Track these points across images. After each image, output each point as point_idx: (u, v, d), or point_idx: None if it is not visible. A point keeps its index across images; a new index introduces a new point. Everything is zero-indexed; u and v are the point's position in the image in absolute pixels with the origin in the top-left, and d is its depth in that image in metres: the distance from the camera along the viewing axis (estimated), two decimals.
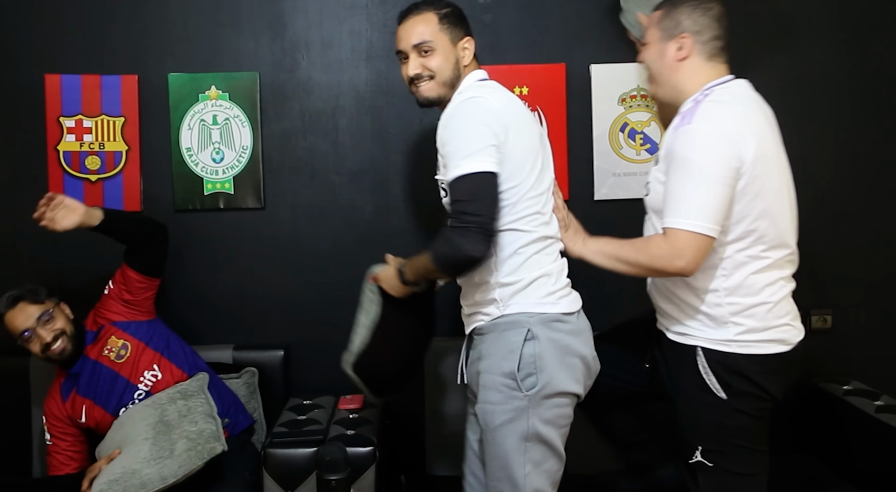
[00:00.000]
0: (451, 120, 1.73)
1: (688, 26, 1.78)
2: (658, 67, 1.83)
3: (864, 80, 2.66)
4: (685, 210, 1.65)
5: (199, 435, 2.11)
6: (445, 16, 1.85)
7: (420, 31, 1.83)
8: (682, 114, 1.74)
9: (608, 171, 2.63)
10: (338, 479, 1.73)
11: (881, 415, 2.22)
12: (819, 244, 2.68)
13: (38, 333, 2.19)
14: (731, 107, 1.72)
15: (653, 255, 1.70)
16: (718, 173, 1.65)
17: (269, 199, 2.63)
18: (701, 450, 1.75)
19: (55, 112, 2.57)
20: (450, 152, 1.69)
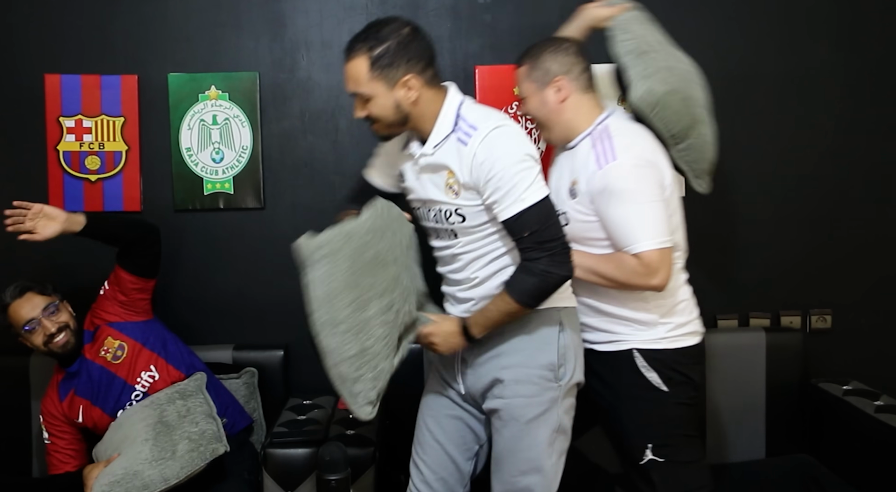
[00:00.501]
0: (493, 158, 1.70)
1: (557, 69, 1.93)
2: (544, 114, 1.96)
3: (865, 80, 2.66)
4: (644, 233, 1.80)
5: (201, 436, 2.11)
6: (378, 58, 1.71)
7: (352, 79, 1.75)
8: (595, 152, 1.86)
9: None
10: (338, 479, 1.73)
11: (881, 415, 2.22)
12: (819, 244, 2.69)
13: (44, 324, 2.19)
14: (639, 137, 1.92)
15: (629, 273, 1.82)
16: (655, 194, 1.83)
17: (269, 199, 2.63)
18: (651, 447, 1.88)
19: (55, 112, 2.57)
20: (507, 188, 1.69)
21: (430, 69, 1.77)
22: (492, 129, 1.72)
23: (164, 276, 2.59)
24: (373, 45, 1.71)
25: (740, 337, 2.55)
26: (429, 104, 1.77)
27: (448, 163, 1.76)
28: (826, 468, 2.35)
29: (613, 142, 1.85)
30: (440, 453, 1.95)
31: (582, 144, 1.92)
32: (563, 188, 1.94)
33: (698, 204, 2.65)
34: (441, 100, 1.79)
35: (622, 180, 1.81)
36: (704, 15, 2.63)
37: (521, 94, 1.99)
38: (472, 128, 1.74)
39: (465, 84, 2.60)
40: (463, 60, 2.62)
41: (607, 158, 1.83)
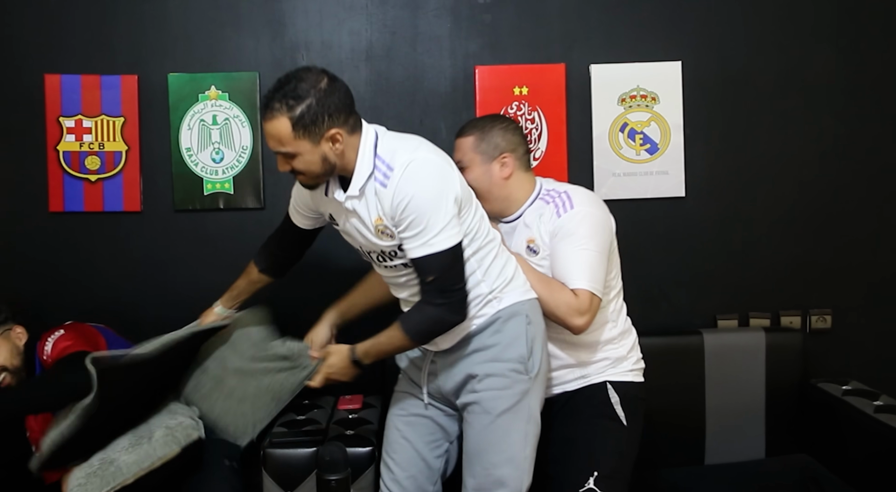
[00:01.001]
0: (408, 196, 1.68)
1: (504, 146, 2.00)
2: (487, 186, 1.99)
3: (864, 81, 2.66)
4: (585, 274, 1.89)
5: (178, 426, 2.08)
6: (301, 117, 1.66)
7: (274, 139, 1.70)
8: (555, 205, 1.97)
9: (608, 171, 2.63)
10: (338, 479, 1.73)
11: (880, 415, 2.22)
12: (819, 244, 2.68)
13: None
14: (590, 193, 2.07)
15: (560, 301, 1.89)
16: (604, 247, 1.94)
17: (269, 199, 2.63)
18: (595, 476, 1.88)
19: (55, 112, 2.57)
20: (418, 230, 1.70)
21: (352, 116, 1.74)
22: (405, 165, 1.70)
23: (163, 276, 2.60)
24: (292, 105, 1.66)
25: (740, 337, 2.55)
26: (351, 151, 1.75)
27: (372, 208, 1.75)
28: (826, 468, 2.35)
29: (569, 195, 1.98)
30: (409, 452, 1.97)
31: (529, 210, 2.01)
32: (518, 249, 2.00)
33: (698, 204, 2.66)
34: (354, 145, 1.75)
35: (577, 225, 1.92)
36: (704, 15, 2.62)
37: (462, 163, 1.99)
38: (389, 168, 1.72)
39: (464, 84, 2.62)
40: (463, 60, 2.61)
41: (566, 208, 1.95)
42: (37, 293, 2.60)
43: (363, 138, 1.76)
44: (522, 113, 2.60)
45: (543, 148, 2.61)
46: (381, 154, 1.74)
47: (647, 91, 2.61)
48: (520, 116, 2.60)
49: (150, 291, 2.60)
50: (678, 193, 2.64)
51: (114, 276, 2.61)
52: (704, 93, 2.63)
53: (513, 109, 2.59)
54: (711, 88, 2.62)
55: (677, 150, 2.62)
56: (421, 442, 1.97)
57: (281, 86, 1.69)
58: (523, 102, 2.60)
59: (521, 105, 2.60)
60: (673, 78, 2.60)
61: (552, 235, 1.95)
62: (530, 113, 2.60)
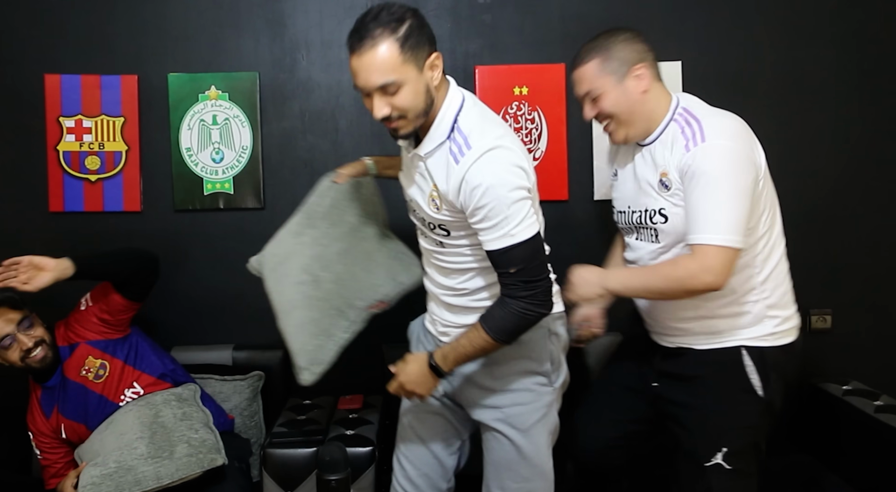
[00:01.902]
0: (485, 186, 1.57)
1: (635, 57, 1.79)
2: (628, 107, 1.80)
3: (864, 80, 2.66)
4: (714, 225, 1.66)
5: (202, 444, 2.10)
6: (407, 37, 1.54)
7: (382, 68, 1.55)
8: (684, 136, 1.74)
9: (608, 171, 2.62)
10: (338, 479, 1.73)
11: (880, 415, 2.22)
12: (819, 244, 2.68)
13: (20, 339, 2.16)
14: (730, 119, 1.77)
15: (681, 277, 1.69)
16: (745, 186, 1.69)
17: (269, 199, 2.63)
18: (724, 452, 1.77)
19: (55, 112, 2.57)
20: (497, 221, 1.59)
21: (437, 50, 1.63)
22: (486, 150, 1.58)
23: (164, 276, 2.58)
24: (395, 27, 1.53)
25: None
26: (440, 93, 1.64)
27: (435, 176, 1.66)
28: (826, 468, 2.35)
29: (701, 123, 1.73)
30: (423, 450, 1.95)
31: (666, 132, 1.79)
32: (650, 184, 1.81)
33: None
34: (443, 95, 1.66)
35: (708, 163, 1.67)
36: (704, 15, 2.62)
37: (592, 93, 1.82)
38: (467, 146, 1.60)
39: (464, 84, 2.60)
40: (463, 60, 2.62)
41: (696, 141, 1.70)
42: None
43: (449, 98, 1.65)
44: (522, 113, 2.60)
45: (543, 148, 2.61)
46: (461, 125, 1.63)
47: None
48: (520, 116, 2.60)
49: None
50: None
51: None
52: (704, 93, 2.61)
53: (513, 109, 2.60)
54: (711, 88, 2.62)
55: None
56: (434, 440, 1.95)
57: (374, 16, 1.55)
58: (523, 102, 2.60)
59: (521, 105, 2.60)
60: (673, 78, 2.59)
61: (682, 172, 1.72)
62: (530, 113, 2.60)
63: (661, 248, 1.84)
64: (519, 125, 2.60)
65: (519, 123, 2.60)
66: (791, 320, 1.84)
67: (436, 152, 1.66)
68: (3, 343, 2.15)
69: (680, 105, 1.81)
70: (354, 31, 1.57)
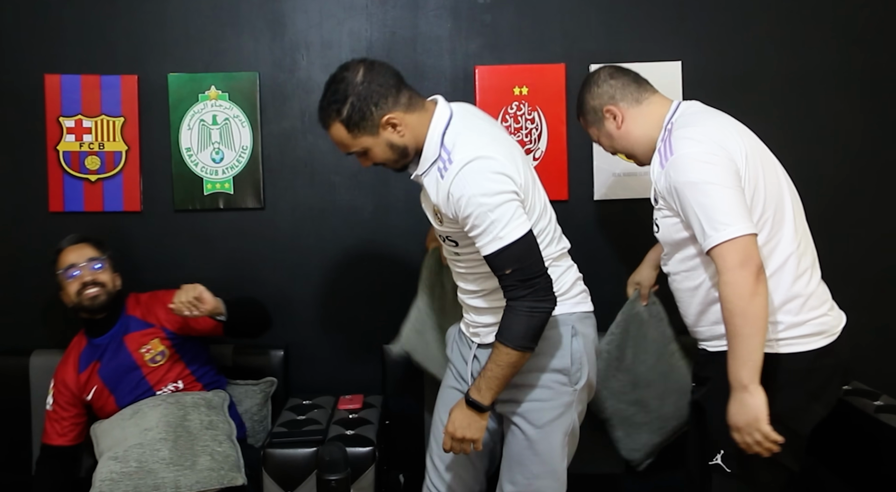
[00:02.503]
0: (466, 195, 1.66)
1: (599, 103, 1.90)
2: (622, 145, 1.92)
3: (864, 80, 2.65)
4: (715, 225, 1.65)
5: (225, 459, 2.10)
6: (350, 117, 1.70)
7: (342, 143, 1.75)
8: (659, 154, 1.81)
9: (608, 171, 2.63)
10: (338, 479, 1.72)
11: (881, 415, 2.22)
12: (819, 244, 2.67)
13: (83, 272, 2.22)
14: (698, 127, 1.78)
15: (733, 297, 1.63)
16: (723, 177, 1.68)
17: (269, 199, 2.63)
18: (722, 454, 1.77)
19: (55, 112, 2.57)
20: (484, 226, 1.66)
21: (402, 95, 1.73)
22: (465, 163, 1.67)
23: (164, 276, 2.59)
24: (338, 109, 1.70)
25: None
26: (418, 128, 1.75)
27: (430, 193, 1.77)
28: (826, 468, 2.35)
29: (671, 137, 1.77)
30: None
31: (657, 149, 1.85)
32: (652, 196, 1.88)
33: None
34: (427, 120, 1.76)
35: (681, 175, 1.71)
36: (704, 15, 2.62)
37: (595, 140, 1.99)
38: (450, 160, 1.70)
39: (464, 84, 2.62)
40: (463, 60, 2.61)
41: (666, 156, 1.75)
42: (37, 293, 2.60)
43: (435, 120, 1.75)
44: (522, 113, 2.60)
45: (543, 148, 2.61)
46: (446, 142, 1.74)
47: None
48: (520, 116, 2.60)
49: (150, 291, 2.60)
50: None
51: None
52: (704, 93, 2.62)
53: (513, 109, 2.60)
54: (711, 88, 2.62)
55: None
56: None
57: (324, 95, 1.74)
58: (523, 102, 2.60)
59: (521, 105, 2.60)
60: (673, 78, 2.59)
61: (667, 190, 1.75)
62: (530, 113, 2.60)
63: (665, 255, 1.91)
64: (519, 125, 2.60)
65: (519, 123, 2.60)
66: (805, 327, 1.75)
67: (429, 171, 1.77)
68: (69, 273, 2.22)
69: (672, 118, 1.84)
70: (318, 107, 1.77)
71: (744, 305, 1.62)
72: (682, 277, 1.85)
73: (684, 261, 1.82)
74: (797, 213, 1.83)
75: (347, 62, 1.76)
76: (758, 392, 1.64)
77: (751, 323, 1.63)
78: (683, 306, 1.88)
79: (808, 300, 1.77)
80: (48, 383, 2.31)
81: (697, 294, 1.82)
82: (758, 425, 1.64)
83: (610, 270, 2.65)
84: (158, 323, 2.28)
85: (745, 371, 1.64)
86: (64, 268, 2.23)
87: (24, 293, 2.60)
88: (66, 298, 2.26)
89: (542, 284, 1.68)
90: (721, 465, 1.77)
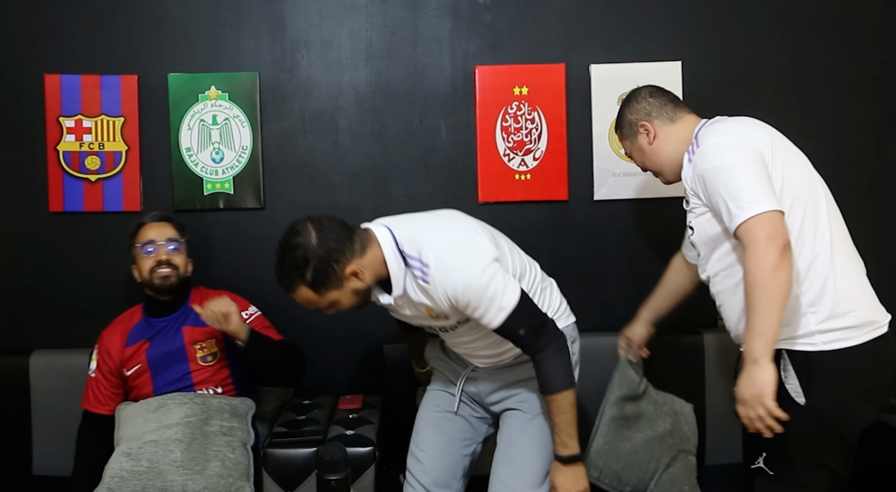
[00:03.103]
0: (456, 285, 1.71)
1: (635, 118, 1.97)
2: (651, 161, 1.99)
3: (864, 81, 2.66)
4: (742, 202, 1.66)
5: (235, 467, 2.09)
6: (315, 278, 1.72)
7: (309, 303, 1.77)
8: (688, 153, 1.86)
9: (608, 171, 2.63)
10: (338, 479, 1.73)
11: (881, 415, 2.22)
12: None
13: (159, 251, 2.25)
14: (724, 123, 1.86)
15: (758, 270, 1.62)
16: (746, 157, 1.72)
17: (269, 199, 2.63)
18: (764, 457, 1.75)
19: (55, 112, 2.57)
20: (485, 305, 1.72)
21: (355, 242, 1.75)
22: (438, 259, 1.72)
23: None
24: (301, 274, 1.71)
25: None
26: (375, 264, 1.78)
27: (420, 300, 1.79)
28: None
29: (698, 139, 1.84)
30: (442, 446, 1.99)
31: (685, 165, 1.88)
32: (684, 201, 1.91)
33: None
34: (378, 250, 1.77)
35: (707, 162, 1.75)
36: (704, 15, 2.62)
37: (628, 154, 2.07)
38: (424, 265, 1.74)
39: (464, 84, 2.62)
40: (463, 60, 2.62)
41: (693, 150, 1.83)
42: (37, 293, 2.60)
43: (382, 245, 1.78)
44: (522, 113, 2.60)
45: (543, 148, 2.61)
46: (406, 252, 1.77)
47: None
48: (520, 116, 2.60)
49: None
50: (678, 193, 2.63)
51: (114, 276, 2.61)
52: (704, 93, 2.63)
53: (513, 109, 2.60)
54: (711, 88, 2.62)
55: None
56: (454, 438, 2.01)
57: (282, 262, 1.74)
58: (523, 102, 2.60)
59: (521, 105, 2.60)
60: (673, 78, 2.60)
61: (694, 182, 1.80)
62: (530, 113, 2.60)
63: (702, 259, 1.89)
64: (519, 125, 2.60)
65: (519, 123, 2.61)
66: (842, 318, 1.70)
67: (406, 284, 1.79)
68: (145, 248, 2.26)
69: (700, 129, 1.88)
70: (276, 274, 1.76)
71: (765, 278, 1.61)
72: (721, 277, 1.83)
73: (722, 259, 1.81)
74: (832, 213, 1.84)
75: (294, 225, 1.75)
76: (768, 367, 1.63)
77: (769, 295, 1.62)
78: (726, 310, 1.85)
79: (844, 297, 1.73)
80: (48, 383, 2.31)
81: (739, 292, 1.76)
82: (762, 399, 1.64)
83: (610, 270, 2.65)
84: (219, 333, 2.26)
85: (758, 344, 1.63)
86: (142, 243, 2.26)
87: (24, 293, 2.60)
88: (137, 272, 2.29)
89: (550, 326, 1.79)
90: (763, 468, 1.75)
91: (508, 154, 2.61)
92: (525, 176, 2.61)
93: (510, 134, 2.61)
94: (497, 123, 2.60)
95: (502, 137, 2.60)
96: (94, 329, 2.45)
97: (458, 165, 2.63)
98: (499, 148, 2.61)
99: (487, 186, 2.61)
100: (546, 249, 2.63)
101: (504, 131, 2.60)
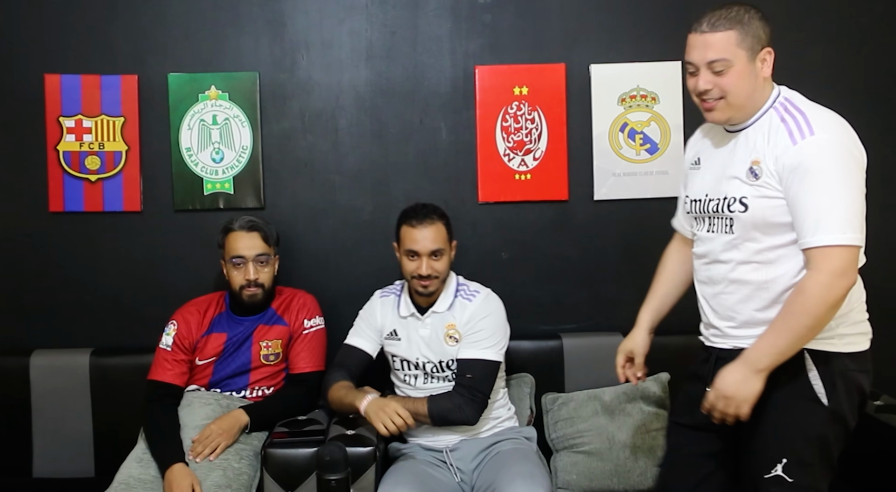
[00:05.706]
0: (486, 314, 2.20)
1: (766, 39, 1.69)
2: (749, 91, 1.69)
3: (864, 81, 2.65)
4: (834, 224, 1.57)
5: (237, 477, 2.09)
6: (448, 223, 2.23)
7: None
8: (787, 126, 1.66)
9: (608, 171, 2.63)
10: (338, 479, 1.73)
11: (881, 415, 2.22)
12: None
13: (248, 268, 2.25)
14: (834, 113, 1.71)
15: (819, 298, 1.57)
16: (858, 180, 1.63)
17: (269, 199, 2.63)
18: (784, 463, 1.64)
19: (55, 112, 2.57)
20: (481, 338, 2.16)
21: None
22: (488, 294, 2.26)
23: (164, 275, 2.60)
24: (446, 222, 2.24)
25: None
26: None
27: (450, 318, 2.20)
28: None
29: (806, 115, 1.65)
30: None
31: (762, 120, 1.69)
32: (737, 171, 1.69)
33: None
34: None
35: (820, 159, 1.58)
36: None
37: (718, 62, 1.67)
38: (476, 292, 2.25)
39: (464, 84, 2.62)
40: (463, 60, 2.62)
41: (802, 133, 1.61)
42: (37, 293, 2.60)
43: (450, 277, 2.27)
44: (522, 113, 2.60)
45: (543, 148, 2.61)
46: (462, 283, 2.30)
47: (647, 91, 2.61)
48: (520, 116, 2.60)
49: (150, 291, 2.60)
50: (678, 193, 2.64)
51: (114, 276, 2.61)
52: None
53: (513, 109, 2.60)
54: None
55: (677, 150, 2.61)
56: None
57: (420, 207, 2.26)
58: (523, 102, 2.60)
59: (521, 105, 2.60)
60: (673, 78, 2.59)
61: (787, 166, 1.60)
62: (530, 113, 2.60)
63: (733, 239, 1.71)
64: (519, 125, 2.60)
65: (519, 123, 2.61)
66: (858, 325, 1.72)
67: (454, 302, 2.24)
68: (235, 261, 2.26)
69: (781, 95, 1.72)
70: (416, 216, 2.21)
71: (821, 313, 1.58)
72: (752, 268, 1.69)
73: (766, 251, 1.67)
74: None
75: None
76: (763, 380, 1.63)
77: (812, 326, 1.59)
78: (725, 299, 1.74)
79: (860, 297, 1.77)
80: (48, 383, 2.31)
81: (769, 288, 1.67)
82: (743, 406, 1.63)
83: (610, 270, 2.65)
84: (290, 326, 2.32)
85: (771, 360, 1.61)
86: (231, 256, 2.26)
87: (24, 293, 2.60)
88: (227, 277, 2.30)
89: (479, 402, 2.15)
90: (782, 476, 1.65)
91: (508, 154, 2.61)
92: (525, 176, 2.61)
93: (510, 134, 2.61)
94: (497, 122, 2.60)
95: (502, 137, 2.61)
96: (95, 329, 2.46)
97: (458, 165, 2.63)
98: (499, 148, 2.61)
99: (487, 186, 2.61)
100: (546, 249, 2.63)
101: (504, 131, 2.61)
